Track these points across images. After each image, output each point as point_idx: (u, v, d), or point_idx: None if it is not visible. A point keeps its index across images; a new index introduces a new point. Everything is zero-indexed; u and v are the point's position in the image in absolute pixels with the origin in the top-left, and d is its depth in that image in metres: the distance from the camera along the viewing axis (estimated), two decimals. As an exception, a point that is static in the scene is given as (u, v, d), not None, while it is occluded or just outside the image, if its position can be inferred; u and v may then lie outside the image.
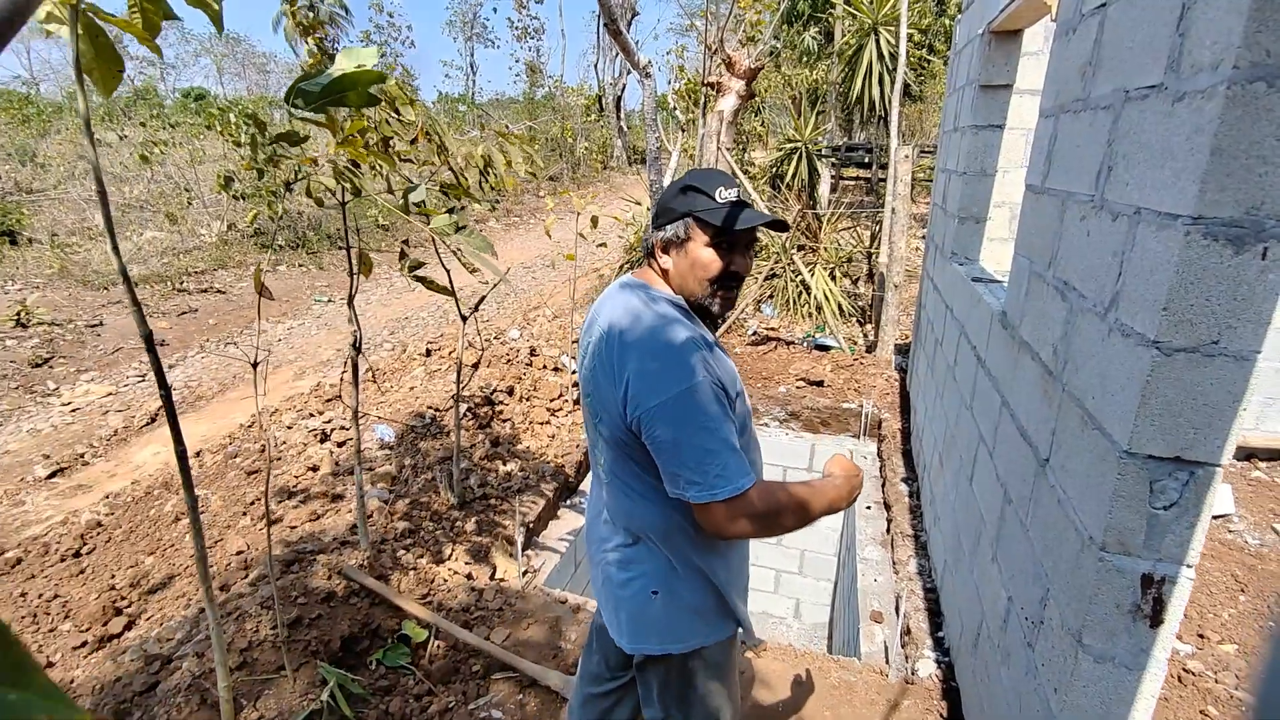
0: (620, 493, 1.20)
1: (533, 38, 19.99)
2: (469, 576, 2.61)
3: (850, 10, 9.60)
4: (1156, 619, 1.17)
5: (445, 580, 2.53)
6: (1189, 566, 1.13)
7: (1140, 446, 1.10)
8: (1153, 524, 1.14)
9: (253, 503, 2.80)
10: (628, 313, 1.12)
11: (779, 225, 1.18)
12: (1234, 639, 2.29)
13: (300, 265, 9.22)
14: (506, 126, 17.91)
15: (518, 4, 19.30)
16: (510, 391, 4.03)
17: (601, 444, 1.19)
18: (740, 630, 1.29)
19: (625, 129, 17.57)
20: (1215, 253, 0.99)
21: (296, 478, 3.00)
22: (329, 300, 7.95)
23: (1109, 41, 1.38)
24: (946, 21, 11.49)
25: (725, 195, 1.15)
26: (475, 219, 12.21)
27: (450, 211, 1.78)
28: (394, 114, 2.08)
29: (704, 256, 1.16)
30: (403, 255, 1.99)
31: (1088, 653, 1.23)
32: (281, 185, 1.97)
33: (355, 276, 2.10)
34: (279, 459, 3.21)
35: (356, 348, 2.12)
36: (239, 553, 2.40)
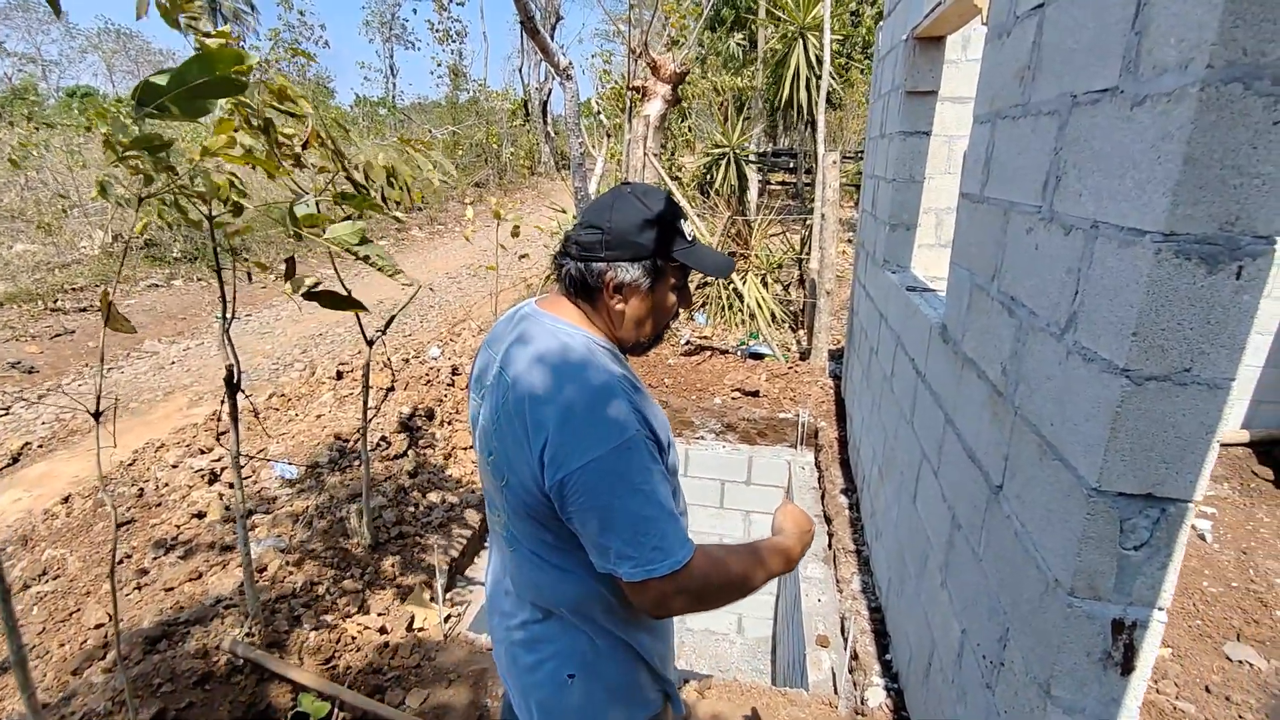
0: (527, 562, 1.01)
1: (454, 40, 19.34)
2: (383, 630, 2.33)
3: (775, 16, 9.71)
4: (1128, 666, 1.08)
5: (355, 638, 2.25)
6: (1161, 609, 1.05)
7: (1110, 484, 1.00)
8: (1123, 566, 1.04)
9: (122, 561, 2.42)
10: (541, 354, 0.92)
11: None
12: (1166, 641, 2.30)
13: (199, 279, 8.48)
14: (430, 131, 17.28)
15: (437, 5, 18.66)
16: (430, 415, 3.74)
17: (506, 507, 1.00)
18: (669, 699, 1.14)
19: (552, 134, 17.26)
20: (1188, 272, 0.90)
21: (178, 527, 2.62)
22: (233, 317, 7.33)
23: (1049, 43, 1.29)
24: (864, 31, 11.85)
25: (690, 231, 1.03)
26: (396, 228, 11.62)
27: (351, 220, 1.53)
28: (280, 111, 1.81)
29: (668, 300, 1.04)
30: (289, 274, 1.72)
31: (1056, 704, 1.13)
32: (135, 199, 1.65)
33: (230, 301, 1.82)
34: (159, 505, 2.81)
35: (233, 383, 1.83)
36: (98, 626, 2.04)
